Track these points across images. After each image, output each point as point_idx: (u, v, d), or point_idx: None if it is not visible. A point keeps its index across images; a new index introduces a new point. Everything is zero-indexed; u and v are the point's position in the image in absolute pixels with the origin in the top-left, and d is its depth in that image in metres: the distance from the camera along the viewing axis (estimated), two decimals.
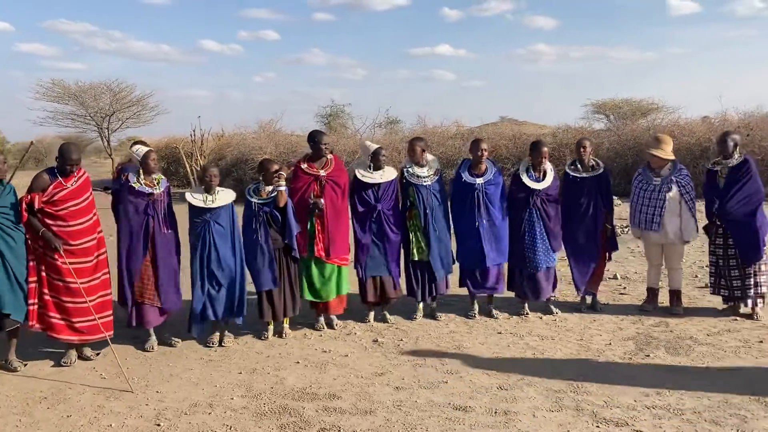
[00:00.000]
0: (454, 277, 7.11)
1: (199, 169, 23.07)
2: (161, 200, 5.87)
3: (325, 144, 6.41)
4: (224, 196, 6.00)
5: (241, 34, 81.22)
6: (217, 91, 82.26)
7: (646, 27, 71.72)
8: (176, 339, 6.04)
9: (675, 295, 6.78)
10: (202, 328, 6.01)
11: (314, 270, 6.35)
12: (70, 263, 5.38)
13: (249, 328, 6.34)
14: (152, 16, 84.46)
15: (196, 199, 5.91)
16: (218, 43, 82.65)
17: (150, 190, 5.81)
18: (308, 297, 6.37)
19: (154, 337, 5.98)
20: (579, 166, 6.81)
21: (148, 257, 5.80)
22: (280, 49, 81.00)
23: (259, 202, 6.07)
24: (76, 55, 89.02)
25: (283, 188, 6.04)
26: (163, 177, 6.04)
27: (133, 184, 5.79)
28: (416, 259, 6.60)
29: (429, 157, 6.74)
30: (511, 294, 6.89)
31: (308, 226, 6.29)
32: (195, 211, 5.93)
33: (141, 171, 5.85)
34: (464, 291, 6.92)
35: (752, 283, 6.34)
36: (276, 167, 6.15)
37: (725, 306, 6.65)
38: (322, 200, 6.27)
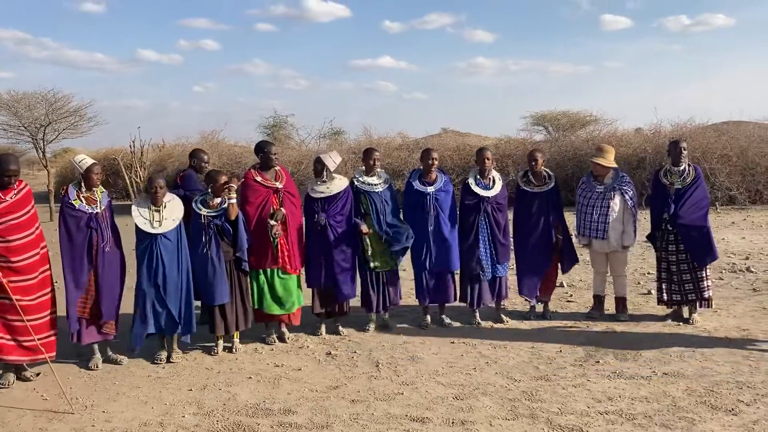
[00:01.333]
0: (406, 288, 7.11)
1: (139, 180, 22.54)
2: (104, 216, 5.67)
3: (274, 154, 6.35)
4: (172, 212, 5.83)
5: (180, 43, 79.78)
6: (156, 101, 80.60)
7: (582, 41, 73.93)
8: (122, 356, 5.84)
9: (620, 302, 6.95)
10: (158, 345, 5.83)
11: (278, 282, 6.26)
12: (15, 281, 5.14)
13: (197, 343, 6.18)
14: (88, 24, 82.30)
15: (143, 218, 5.71)
16: (157, 52, 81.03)
17: (90, 209, 5.60)
18: (275, 311, 6.26)
19: (98, 355, 5.76)
20: (531, 177, 6.92)
21: (91, 273, 5.59)
22: (220, 59, 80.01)
23: (210, 214, 5.94)
24: (7, 63, 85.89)
25: (234, 201, 5.93)
26: (104, 190, 5.84)
27: (72, 202, 5.58)
28: (371, 267, 6.59)
29: (378, 170, 6.75)
30: (463, 304, 6.93)
31: (272, 238, 6.19)
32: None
33: (82, 184, 5.65)
34: (416, 302, 6.92)
35: (704, 286, 6.56)
36: (225, 179, 6.04)
37: (668, 312, 6.85)
38: (284, 210, 6.21)
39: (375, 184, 6.59)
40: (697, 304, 6.61)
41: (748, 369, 5.27)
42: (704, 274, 6.57)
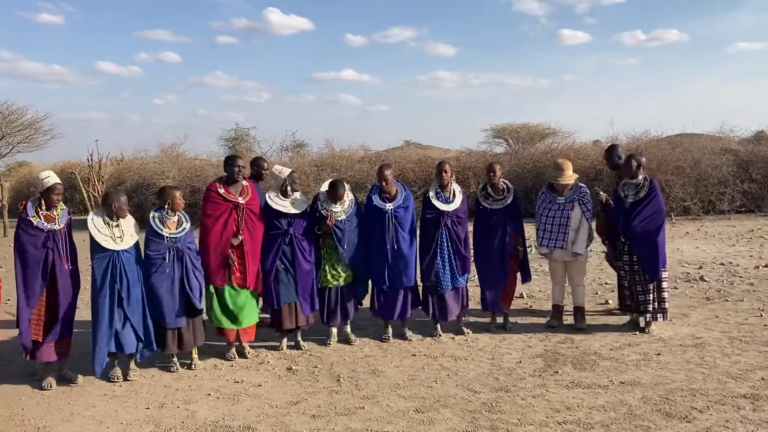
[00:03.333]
0: (366, 301, 7.09)
1: (96, 195, 22.13)
2: (62, 234, 5.54)
3: (242, 167, 6.28)
4: (128, 227, 5.73)
5: (140, 55, 78.43)
6: (115, 114, 78.72)
7: (541, 55, 74.88)
8: (76, 374, 5.70)
9: (579, 311, 7.05)
10: (108, 364, 5.67)
11: (229, 297, 6.18)
12: None
13: (156, 360, 6.07)
14: (46, 36, 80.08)
15: (103, 235, 5.58)
16: (116, 64, 79.46)
17: (50, 226, 5.46)
18: (227, 325, 6.18)
19: (52, 374, 5.61)
20: (490, 190, 6.99)
21: (45, 290, 5.44)
22: (181, 72, 78.57)
23: (172, 235, 5.83)
24: None
25: None
26: (64, 207, 5.69)
27: (31, 218, 5.43)
28: (323, 286, 6.58)
29: (346, 198, 6.70)
30: (425, 317, 6.95)
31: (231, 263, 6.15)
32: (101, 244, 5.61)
33: (42, 203, 5.51)
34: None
35: (656, 297, 6.68)
36: (179, 195, 5.94)
37: (625, 321, 6.97)
38: (240, 237, 6.15)
39: (337, 212, 6.55)
40: (649, 315, 6.73)
41: (701, 376, 5.40)
42: (655, 287, 6.67)
